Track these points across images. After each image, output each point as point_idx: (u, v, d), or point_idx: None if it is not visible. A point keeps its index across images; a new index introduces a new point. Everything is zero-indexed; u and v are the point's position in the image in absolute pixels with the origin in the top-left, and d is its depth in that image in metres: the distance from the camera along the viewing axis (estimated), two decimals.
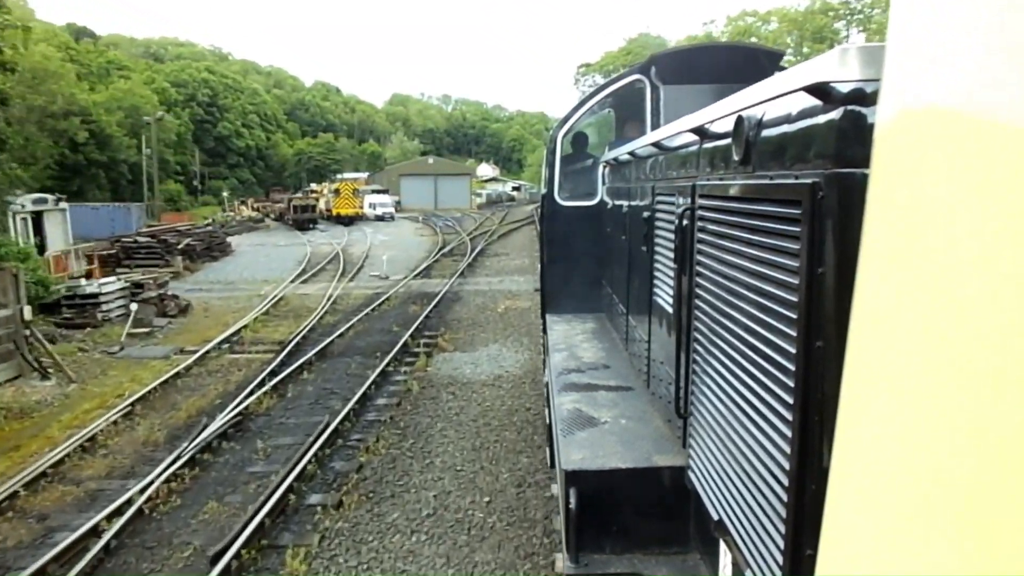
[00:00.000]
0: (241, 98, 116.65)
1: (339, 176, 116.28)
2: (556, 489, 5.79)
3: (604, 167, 7.75)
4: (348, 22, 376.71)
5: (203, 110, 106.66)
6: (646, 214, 4.76)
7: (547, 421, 7.01)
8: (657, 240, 4.53)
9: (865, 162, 1.52)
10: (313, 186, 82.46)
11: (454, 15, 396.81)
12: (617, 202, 6.56)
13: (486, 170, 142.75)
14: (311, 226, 58.61)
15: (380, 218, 68.78)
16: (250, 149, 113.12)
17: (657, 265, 4.55)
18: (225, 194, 79.14)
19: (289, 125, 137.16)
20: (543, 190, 8.52)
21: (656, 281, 4.58)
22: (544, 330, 8.19)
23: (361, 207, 70.98)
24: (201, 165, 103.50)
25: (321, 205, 68.68)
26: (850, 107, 1.90)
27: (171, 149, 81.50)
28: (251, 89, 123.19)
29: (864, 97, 1.85)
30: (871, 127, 1.66)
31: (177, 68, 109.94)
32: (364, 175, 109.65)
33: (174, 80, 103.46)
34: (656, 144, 4.60)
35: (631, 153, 5.64)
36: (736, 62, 6.89)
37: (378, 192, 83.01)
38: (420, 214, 76.74)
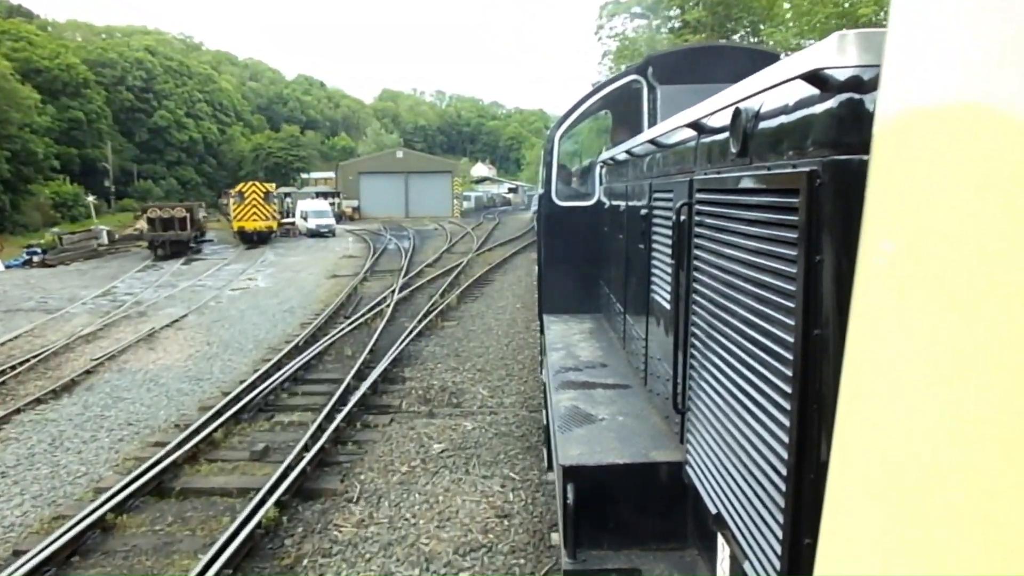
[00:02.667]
0: (188, 84, 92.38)
1: (304, 175, 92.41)
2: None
3: (601, 167, 7.31)
4: (341, 18, 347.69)
5: (134, 95, 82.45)
6: (643, 212, 4.54)
7: (545, 420, 6.31)
8: (654, 237, 4.28)
9: (863, 149, 1.46)
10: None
11: (450, 9, 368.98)
12: (614, 202, 6.23)
13: (481, 169, 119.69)
14: (188, 250, 34.66)
15: (317, 233, 44.86)
16: (196, 143, 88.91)
17: (654, 262, 4.30)
18: (91, 200, 54.63)
19: (255, 118, 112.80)
20: (540, 190, 8.04)
21: (653, 279, 4.33)
22: (542, 330, 7.63)
23: (282, 218, 46.94)
24: (130, 161, 79.56)
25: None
26: (848, 94, 1.80)
27: (41, 136, 57.07)
28: (203, 74, 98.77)
29: (862, 84, 1.75)
30: (869, 114, 1.63)
31: (103, 45, 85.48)
32: (332, 174, 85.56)
33: (96, 59, 79.08)
34: (653, 141, 4.36)
35: (628, 152, 5.38)
36: (733, 62, 6.44)
37: (326, 195, 58.85)
38: (381, 225, 52.65)
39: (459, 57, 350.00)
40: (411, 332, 14.84)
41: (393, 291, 20.34)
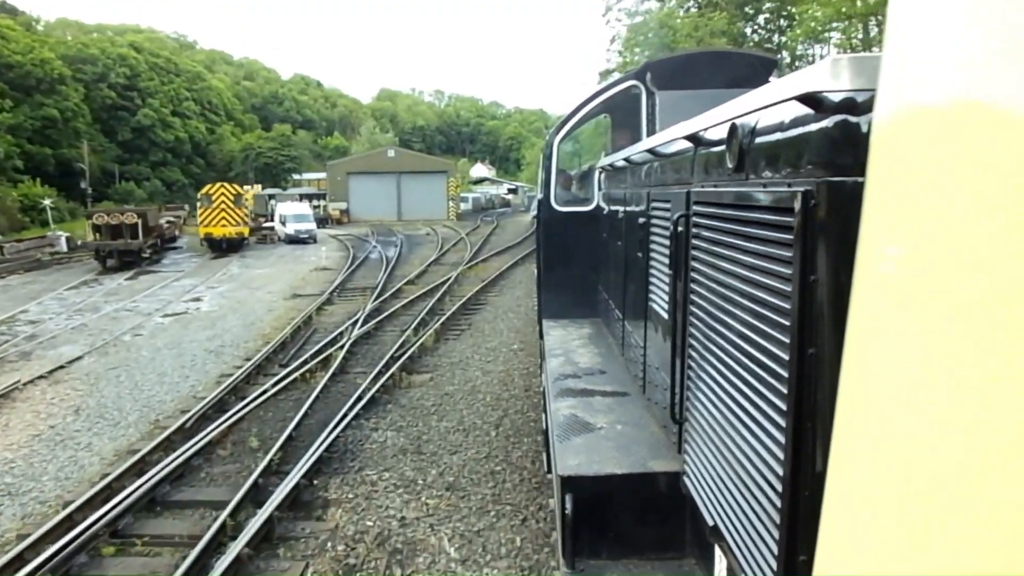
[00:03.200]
0: (175, 81, 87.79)
1: (296, 176, 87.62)
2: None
3: (600, 173, 7.09)
4: (339, 17, 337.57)
5: (116, 93, 77.80)
6: (641, 220, 4.48)
7: (544, 426, 6.08)
8: (652, 247, 4.24)
9: (856, 170, 1.45)
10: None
11: (450, 8, 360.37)
12: (613, 208, 6.07)
13: (481, 170, 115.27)
14: (141, 261, 30.05)
15: (296, 240, 40.26)
16: (182, 143, 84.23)
17: (652, 271, 4.25)
18: (48, 203, 49.90)
19: (247, 117, 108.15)
20: (539, 195, 7.83)
21: (652, 287, 4.27)
22: (541, 335, 7.50)
23: (265, 222, 42.62)
24: (111, 161, 74.85)
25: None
26: (842, 116, 1.79)
27: (2, 134, 52.47)
28: (192, 72, 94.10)
29: (855, 106, 1.75)
30: (863, 136, 1.67)
31: (84, 41, 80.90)
32: (325, 175, 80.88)
33: (76, 55, 74.48)
34: (651, 151, 4.33)
35: (627, 159, 5.24)
36: (731, 68, 6.30)
37: (311, 197, 54.38)
38: (370, 230, 48.05)
39: (458, 57, 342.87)
40: (359, 398, 10.18)
41: (356, 322, 15.70)
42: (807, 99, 1.85)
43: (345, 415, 9.40)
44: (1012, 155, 0.74)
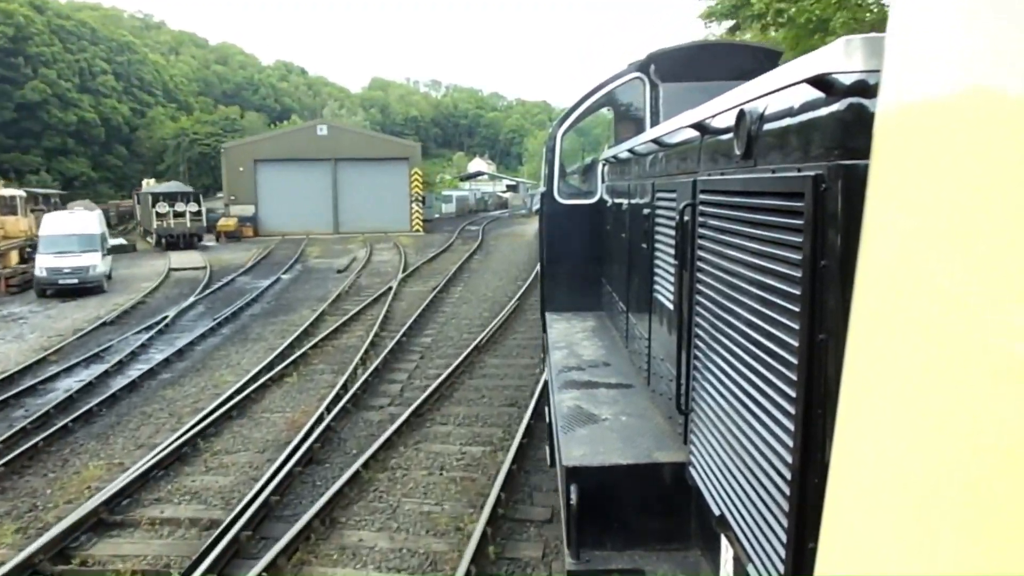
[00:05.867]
0: (89, 50, 66.07)
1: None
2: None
3: (604, 165, 6.88)
4: (333, 4, 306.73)
5: None
6: (646, 211, 4.33)
7: (548, 419, 5.97)
8: (657, 237, 4.09)
9: (868, 154, 1.41)
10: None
11: None
12: (617, 200, 5.95)
13: (479, 165, 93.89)
14: None
15: (54, 289, 18.69)
16: (91, 126, 62.66)
17: (657, 262, 4.10)
18: None
19: (199, 101, 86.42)
20: (542, 188, 7.54)
21: (656, 278, 4.13)
22: (544, 328, 7.18)
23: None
24: None
25: None
26: (853, 99, 1.72)
27: None
28: (117, 41, 72.24)
29: (868, 88, 1.68)
30: (875, 118, 1.55)
31: None
32: None
33: None
34: (656, 141, 4.16)
35: (631, 151, 5.04)
36: (735, 60, 6.12)
37: (175, 197, 32.74)
38: (259, 255, 26.76)
39: (457, 46, 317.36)
40: None
41: None
42: (818, 82, 1.77)
43: None
44: (1017, 145, 0.70)
